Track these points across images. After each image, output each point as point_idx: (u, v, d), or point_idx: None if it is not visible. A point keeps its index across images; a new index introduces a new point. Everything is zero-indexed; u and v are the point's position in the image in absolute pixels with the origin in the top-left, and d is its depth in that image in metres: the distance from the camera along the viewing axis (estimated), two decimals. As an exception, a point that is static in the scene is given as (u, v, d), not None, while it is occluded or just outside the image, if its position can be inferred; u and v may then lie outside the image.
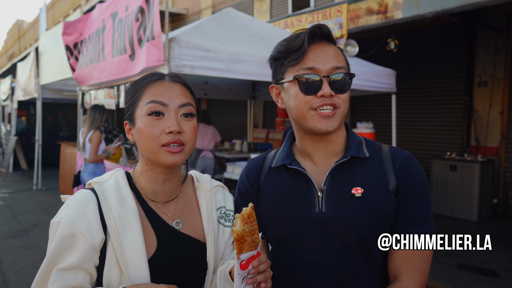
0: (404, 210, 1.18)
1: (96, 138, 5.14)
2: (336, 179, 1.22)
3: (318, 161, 1.27)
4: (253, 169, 1.37)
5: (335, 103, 1.18)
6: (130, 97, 1.17)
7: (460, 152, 7.54)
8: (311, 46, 1.20)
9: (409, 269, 1.15)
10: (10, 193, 9.11)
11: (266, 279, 1.05)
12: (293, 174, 1.27)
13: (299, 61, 1.19)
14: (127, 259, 1.05)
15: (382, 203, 1.18)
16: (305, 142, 1.28)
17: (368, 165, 1.23)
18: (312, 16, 7.63)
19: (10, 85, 12.55)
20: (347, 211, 1.17)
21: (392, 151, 1.26)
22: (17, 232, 6.07)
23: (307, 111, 1.19)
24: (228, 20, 5.25)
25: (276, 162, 1.31)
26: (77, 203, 1.08)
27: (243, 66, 4.44)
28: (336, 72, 1.18)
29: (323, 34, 1.22)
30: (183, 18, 14.10)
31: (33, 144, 10.50)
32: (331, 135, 1.25)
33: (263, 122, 12.14)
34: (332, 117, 1.18)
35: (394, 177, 1.21)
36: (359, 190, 1.18)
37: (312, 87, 1.17)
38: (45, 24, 9.33)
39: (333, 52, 1.21)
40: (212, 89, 8.26)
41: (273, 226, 1.26)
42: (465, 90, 7.57)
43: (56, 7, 26.37)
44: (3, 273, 4.51)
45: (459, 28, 7.56)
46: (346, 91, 1.20)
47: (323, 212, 1.19)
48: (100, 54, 5.34)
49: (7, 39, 43.58)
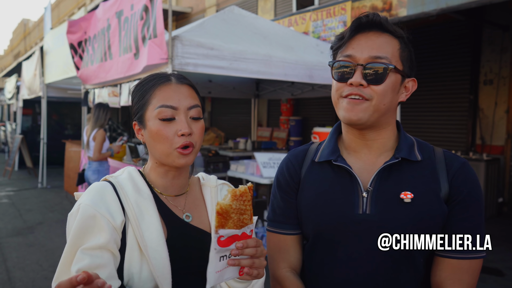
0: (455, 220, 1.12)
1: (100, 136, 5.15)
2: (384, 181, 1.15)
3: (364, 159, 1.20)
4: (294, 161, 1.30)
5: (363, 94, 1.10)
6: (138, 100, 1.20)
7: (465, 150, 7.49)
8: (358, 35, 1.15)
9: (455, 283, 1.09)
10: (15, 191, 9.17)
11: (254, 265, 1.01)
12: (337, 170, 1.20)
13: (342, 48, 1.16)
14: (146, 241, 1.08)
15: (432, 210, 1.11)
16: (349, 136, 1.22)
17: (420, 169, 1.16)
18: (316, 14, 7.60)
19: (16, 84, 12.63)
20: (393, 216, 1.11)
21: (446, 156, 1.18)
22: (22, 230, 6.11)
23: (338, 98, 1.15)
24: (232, 18, 5.25)
25: (321, 156, 1.24)
26: (95, 190, 1.11)
27: (246, 64, 4.43)
28: (372, 62, 1.10)
29: (371, 22, 1.14)
30: (187, 17, 14.11)
31: (38, 142, 10.55)
32: (371, 132, 1.17)
33: (267, 120, 12.14)
34: (358, 107, 1.11)
35: (447, 184, 1.13)
36: (409, 195, 1.11)
37: (344, 75, 1.13)
38: (50, 23, 9.37)
39: (379, 42, 1.13)
40: (216, 87, 8.27)
41: (313, 223, 1.21)
42: (470, 89, 7.52)
43: (61, 6, 26.49)
44: (8, 270, 4.54)
45: (464, 26, 7.50)
46: (381, 82, 1.10)
47: (367, 214, 1.13)
48: (107, 53, 5.35)
49: (12, 38, 43.84)
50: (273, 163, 5.18)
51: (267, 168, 5.09)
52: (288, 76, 4.89)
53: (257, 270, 1.02)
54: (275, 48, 4.93)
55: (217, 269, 0.99)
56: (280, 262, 1.26)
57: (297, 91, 8.04)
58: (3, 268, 4.60)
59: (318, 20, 7.54)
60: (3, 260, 4.85)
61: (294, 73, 4.91)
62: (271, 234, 1.30)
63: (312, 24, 7.62)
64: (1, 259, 4.90)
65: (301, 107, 10.91)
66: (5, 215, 7.00)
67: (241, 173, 5.42)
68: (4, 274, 4.44)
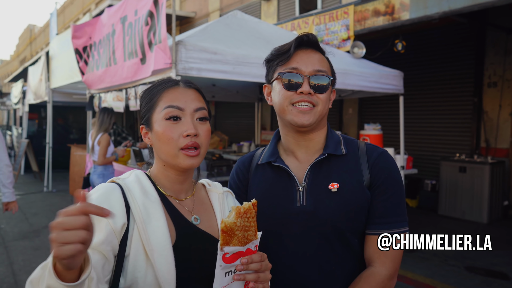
0: (376, 202, 1.29)
1: (105, 140, 5.19)
2: (315, 175, 1.33)
3: (300, 158, 1.38)
4: (242, 167, 1.49)
5: (312, 101, 1.29)
6: (146, 103, 1.23)
7: (469, 153, 7.47)
8: (298, 51, 1.34)
9: (381, 256, 1.26)
10: (22, 195, 9.24)
11: (259, 280, 1.03)
12: (277, 170, 1.38)
13: (285, 62, 1.33)
14: (152, 245, 1.07)
15: (356, 196, 1.28)
16: (288, 139, 1.39)
17: (345, 162, 1.34)
18: (319, 18, 7.64)
19: (22, 89, 12.74)
20: (324, 205, 1.29)
21: (367, 148, 1.36)
22: (28, 234, 6.16)
23: (287, 105, 1.31)
24: (235, 23, 5.28)
25: (262, 159, 1.43)
26: (102, 190, 1.12)
27: (250, 69, 4.46)
28: (317, 74, 1.30)
29: (310, 41, 1.35)
30: (191, 22, 14.19)
31: (44, 146, 10.64)
32: (311, 133, 1.36)
33: (271, 124, 12.15)
34: (309, 113, 1.29)
35: (368, 172, 1.31)
36: (336, 185, 1.29)
37: (294, 84, 1.30)
38: (55, 29, 9.46)
39: (317, 58, 1.34)
40: (220, 91, 8.31)
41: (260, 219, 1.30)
42: (474, 91, 7.51)
43: (66, 12, 26.72)
44: (14, 274, 4.58)
45: (467, 29, 7.50)
46: (325, 91, 1.31)
47: (303, 205, 1.30)
48: (111, 58, 5.40)
49: (19, 43, 44.23)
50: (276, 167, 5.19)
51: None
52: (291, 80, 4.90)
53: (262, 284, 1.04)
54: (278, 52, 4.95)
55: (223, 285, 1.00)
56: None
57: (301, 95, 8.07)
58: (10, 271, 4.64)
59: (321, 24, 7.57)
60: (9, 263, 4.89)
61: (297, 77, 4.93)
62: None
63: (315, 28, 7.65)
64: (8, 262, 4.94)
65: (305, 111, 10.91)
66: (12, 218, 7.06)
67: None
68: (10, 277, 4.49)
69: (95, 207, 0.79)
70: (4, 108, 18.89)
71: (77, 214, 0.78)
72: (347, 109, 9.72)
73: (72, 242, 0.76)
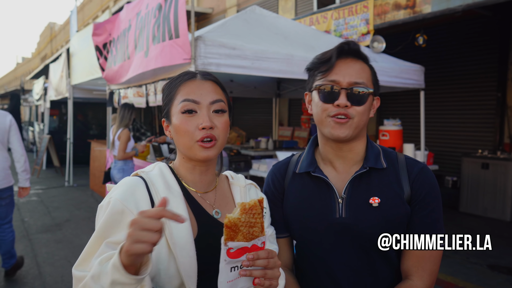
0: (416, 218, 1.30)
1: (125, 136, 5.26)
2: (355, 188, 1.33)
3: (339, 169, 1.38)
4: (278, 174, 1.49)
5: (348, 113, 1.28)
6: (166, 96, 1.25)
7: (492, 150, 7.30)
8: (339, 61, 1.32)
9: (419, 270, 1.28)
10: (44, 190, 9.45)
11: (266, 276, 1.03)
12: (315, 180, 1.38)
13: (326, 73, 1.32)
14: (174, 239, 1.09)
15: (397, 212, 1.29)
16: (327, 149, 1.39)
17: (385, 175, 1.34)
18: (337, 13, 7.55)
19: (43, 86, 13.00)
20: (364, 218, 1.29)
21: (408, 162, 1.37)
22: (51, 227, 6.30)
23: (325, 117, 1.31)
24: (253, 18, 5.27)
25: (300, 168, 1.42)
26: (127, 185, 1.14)
27: (268, 64, 4.45)
28: (354, 86, 1.29)
29: (351, 50, 1.33)
30: (208, 18, 14.22)
31: (65, 142, 10.84)
32: (349, 144, 1.35)
33: (288, 120, 12.12)
34: (345, 125, 1.29)
35: (409, 187, 1.32)
36: (377, 200, 1.30)
37: (331, 97, 1.30)
38: (75, 26, 9.61)
39: (357, 68, 1.32)
40: (238, 87, 8.31)
41: (298, 228, 1.39)
42: (497, 86, 7.32)
43: (85, 9, 27.10)
44: (38, 265, 4.69)
45: (491, 22, 7.31)
46: (362, 104, 1.30)
47: (342, 217, 1.31)
48: (125, 52, 5.46)
49: (40, 41, 45.11)
50: (295, 162, 5.18)
51: (289, 167, 5.09)
52: (310, 75, 4.87)
53: (269, 281, 1.04)
54: (296, 48, 4.92)
55: (228, 279, 1.00)
56: None
57: (319, 90, 8.00)
58: (34, 263, 4.76)
59: (340, 19, 7.49)
60: (33, 256, 5.01)
61: (316, 72, 4.89)
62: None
63: (334, 23, 7.57)
64: (32, 254, 5.06)
65: (323, 106, 10.83)
66: (35, 212, 7.23)
67: (263, 172, 5.44)
68: (35, 268, 4.60)
69: (171, 213, 0.88)
70: (27, 104, 19.30)
71: (155, 218, 0.87)
72: (365, 104, 9.60)
73: (145, 242, 0.85)
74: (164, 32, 4.24)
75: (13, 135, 4.10)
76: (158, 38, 4.37)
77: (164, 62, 4.24)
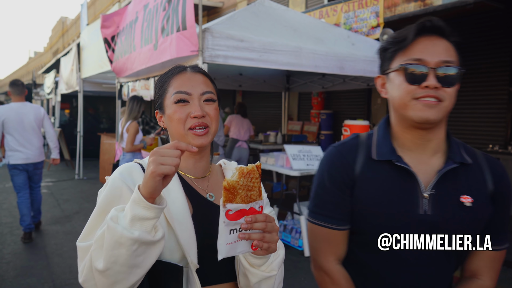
0: (495, 218, 1.26)
1: (133, 128, 5.28)
2: (443, 183, 1.22)
3: (418, 158, 1.26)
4: (348, 157, 1.31)
5: (439, 96, 1.16)
6: (159, 89, 1.32)
7: (503, 145, 7.19)
8: (421, 38, 1.20)
9: (490, 270, 1.27)
10: (54, 182, 9.56)
11: (264, 239, 1.03)
12: (396, 170, 1.25)
13: (405, 50, 1.21)
14: (172, 214, 1.14)
15: (487, 212, 1.23)
16: (406, 136, 1.27)
17: (472, 172, 1.25)
18: (347, 5, 7.47)
19: (54, 79, 13.12)
20: (456, 218, 1.20)
21: (488, 159, 1.30)
22: (60, 219, 6.37)
23: (409, 100, 1.19)
24: (262, 11, 5.23)
25: (379, 155, 1.27)
26: (124, 167, 1.21)
27: (276, 56, 4.42)
28: (444, 66, 1.17)
29: (434, 27, 1.20)
30: (218, 12, 14.20)
31: (75, 135, 10.95)
32: (433, 131, 1.23)
33: (298, 114, 12.07)
34: (435, 108, 1.16)
35: (492, 186, 1.25)
36: (469, 199, 1.21)
37: (418, 77, 1.17)
38: (86, 20, 9.66)
39: (444, 46, 1.20)
40: (247, 80, 8.29)
41: (375, 221, 1.25)
42: (510, 80, 7.19)
43: (96, 4, 27.25)
44: (47, 256, 4.75)
45: (503, 15, 7.16)
46: (453, 85, 1.19)
47: (428, 214, 1.21)
48: (131, 44, 5.48)
49: (51, 35, 45.51)
50: (303, 155, 5.15)
51: (297, 160, 5.07)
52: (319, 67, 4.84)
53: (267, 244, 1.04)
54: (305, 40, 4.88)
55: (228, 242, 1.02)
56: (329, 255, 1.33)
57: (328, 84, 7.95)
58: (43, 254, 4.82)
59: (349, 12, 7.41)
60: (43, 246, 5.08)
61: (324, 65, 4.85)
62: (318, 227, 1.33)
63: (344, 16, 7.50)
64: (41, 245, 5.13)
65: (332, 101, 10.78)
66: (45, 204, 7.32)
67: (271, 165, 5.43)
68: (44, 259, 4.66)
69: (184, 145, 0.98)
70: (38, 98, 19.49)
71: (171, 148, 0.97)
72: (375, 99, 9.52)
73: (168, 164, 0.94)
74: (173, 25, 4.24)
75: (46, 122, 5.52)
76: (167, 30, 4.37)
77: (172, 54, 4.24)
